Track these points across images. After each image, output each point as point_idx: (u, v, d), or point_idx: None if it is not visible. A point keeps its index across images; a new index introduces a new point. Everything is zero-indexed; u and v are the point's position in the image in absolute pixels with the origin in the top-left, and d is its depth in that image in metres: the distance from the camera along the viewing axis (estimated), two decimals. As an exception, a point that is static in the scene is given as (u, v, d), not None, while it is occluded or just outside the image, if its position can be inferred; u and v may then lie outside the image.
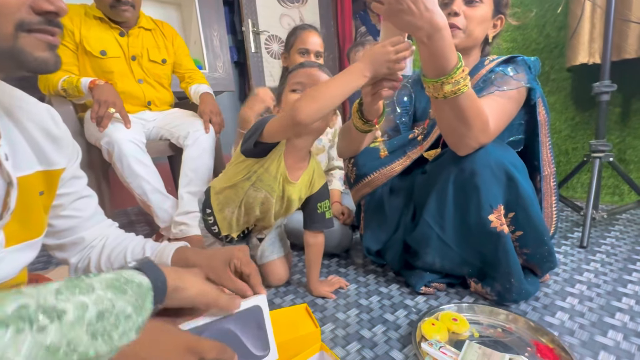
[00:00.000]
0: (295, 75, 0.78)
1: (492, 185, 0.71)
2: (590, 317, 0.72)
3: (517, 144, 0.83)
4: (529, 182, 0.75)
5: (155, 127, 1.35)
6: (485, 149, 0.71)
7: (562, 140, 1.62)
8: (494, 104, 0.71)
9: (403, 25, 0.59)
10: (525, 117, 0.81)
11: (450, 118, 0.67)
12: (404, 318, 0.76)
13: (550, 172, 0.82)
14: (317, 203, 0.87)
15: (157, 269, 0.37)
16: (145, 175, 1.13)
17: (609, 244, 1.08)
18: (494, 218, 0.71)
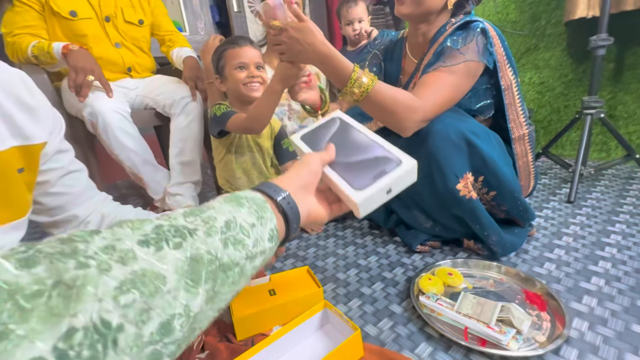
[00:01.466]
0: (235, 55, 0.93)
1: (455, 155, 0.73)
2: (575, 266, 0.76)
3: (487, 108, 0.83)
4: (493, 145, 0.77)
5: (138, 95, 1.28)
6: (441, 122, 0.72)
7: (554, 98, 1.62)
8: (434, 80, 0.71)
9: (300, 60, 0.69)
10: (491, 81, 0.80)
11: (375, 112, 0.70)
12: (402, 275, 0.79)
13: (522, 134, 0.83)
14: (280, 141, 1.08)
15: (268, 183, 0.37)
16: (133, 146, 1.10)
17: (594, 199, 1.12)
18: (461, 187, 0.74)
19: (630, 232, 0.88)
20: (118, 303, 0.19)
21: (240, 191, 0.34)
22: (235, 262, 0.27)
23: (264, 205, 0.33)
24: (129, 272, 0.21)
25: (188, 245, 0.25)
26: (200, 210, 0.29)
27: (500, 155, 0.78)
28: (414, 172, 0.43)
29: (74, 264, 0.19)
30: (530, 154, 0.86)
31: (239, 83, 0.94)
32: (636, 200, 1.07)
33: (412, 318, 0.65)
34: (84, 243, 0.21)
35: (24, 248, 0.19)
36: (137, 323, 0.20)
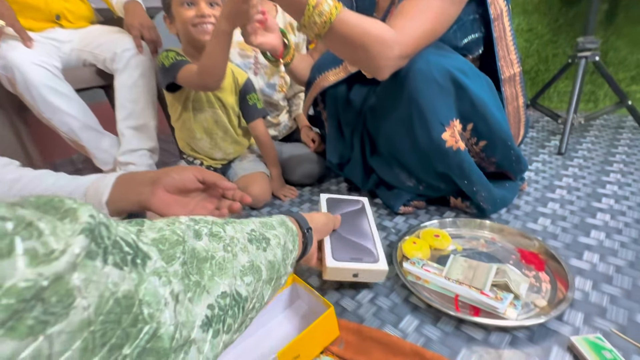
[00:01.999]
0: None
1: (440, 99, 0.61)
2: (572, 219, 0.69)
3: (475, 44, 0.71)
4: (483, 85, 0.66)
5: (73, 49, 1.08)
6: (423, 59, 0.60)
7: (543, 46, 1.51)
8: (410, 7, 0.57)
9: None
10: (480, 10, 0.67)
11: (344, 49, 0.57)
12: (383, 240, 0.71)
13: (513, 73, 0.72)
14: (246, 96, 0.94)
15: (301, 216, 0.47)
16: (67, 108, 0.93)
17: (585, 149, 1.06)
18: (447, 136, 0.63)
19: (626, 181, 0.82)
20: (243, 281, 0.28)
21: (282, 216, 0.43)
22: (281, 276, 0.35)
23: (296, 238, 0.42)
24: (246, 261, 0.30)
25: (270, 251, 0.34)
26: (268, 225, 0.37)
27: (492, 98, 0.67)
28: (383, 275, 0.53)
29: (222, 247, 0.28)
30: (522, 98, 0.75)
31: (187, 24, 0.80)
32: (628, 149, 1.01)
33: (395, 288, 0.57)
34: (223, 230, 0.30)
35: (192, 222, 0.28)
36: (252, 298, 0.29)
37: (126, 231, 0.21)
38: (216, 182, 0.53)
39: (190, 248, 0.25)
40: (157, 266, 0.21)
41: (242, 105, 0.96)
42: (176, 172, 0.51)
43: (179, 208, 0.51)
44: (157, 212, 0.50)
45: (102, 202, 0.48)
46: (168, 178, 0.51)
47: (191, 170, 0.52)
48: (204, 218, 0.30)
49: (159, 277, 0.21)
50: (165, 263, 0.22)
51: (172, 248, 0.24)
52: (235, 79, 0.93)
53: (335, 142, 0.87)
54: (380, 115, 0.73)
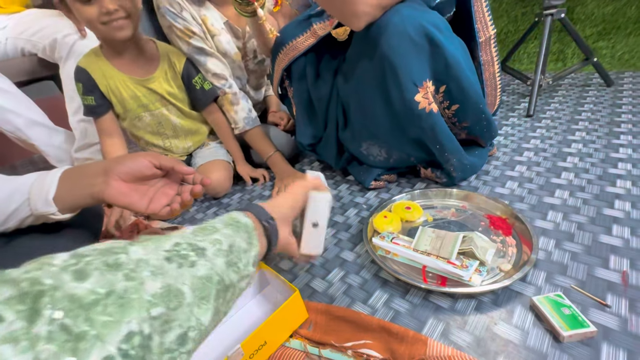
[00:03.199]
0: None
1: (413, 57, 0.58)
2: (538, 181, 0.70)
3: (448, 4, 0.67)
4: (457, 45, 0.63)
5: (8, 38, 0.98)
6: (398, 13, 0.56)
7: (512, 5, 1.49)
8: None
9: None
10: None
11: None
12: (355, 217, 0.70)
13: (489, 36, 0.69)
14: (191, 81, 0.85)
15: (259, 208, 0.41)
16: (8, 105, 0.85)
17: (553, 110, 1.06)
18: (420, 98, 0.60)
19: (590, 138, 0.83)
20: (149, 314, 0.22)
21: (235, 213, 0.37)
22: (232, 284, 0.30)
23: (253, 233, 0.36)
24: (159, 287, 0.23)
25: (201, 265, 0.27)
26: (208, 230, 0.32)
27: (466, 59, 0.64)
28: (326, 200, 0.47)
29: (122, 275, 0.22)
30: (496, 63, 0.73)
31: (94, 24, 0.67)
32: (593, 107, 1.02)
33: (366, 264, 0.56)
34: (125, 255, 0.24)
35: (74, 260, 0.22)
36: (161, 333, 0.22)
37: None
38: (174, 167, 0.51)
39: (64, 295, 0.20)
40: (14, 328, 0.17)
41: (189, 92, 0.87)
42: (130, 158, 0.49)
43: (138, 197, 0.49)
44: (113, 202, 0.47)
45: (48, 199, 0.45)
46: (121, 166, 0.48)
47: (146, 156, 0.49)
48: (100, 248, 0.24)
49: (15, 343, 0.17)
50: (28, 322, 0.18)
51: (36, 301, 0.19)
52: (172, 64, 0.83)
53: (306, 122, 0.83)
54: (352, 81, 0.69)
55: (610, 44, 1.32)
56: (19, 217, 0.46)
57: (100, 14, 0.65)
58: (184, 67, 0.84)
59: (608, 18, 1.29)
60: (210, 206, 0.83)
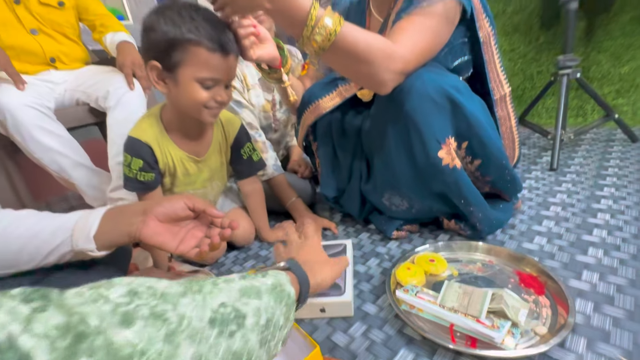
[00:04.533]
0: (206, 62, 0.58)
1: (436, 116, 0.61)
2: (568, 237, 0.67)
3: (465, 66, 0.73)
4: (476, 104, 0.66)
5: (67, 90, 1.11)
6: (419, 77, 0.61)
7: (527, 64, 1.55)
8: (409, 25, 0.59)
9: (246, 6, 0.53)
10: (468, 33, 0.69)
11: (345, 63, 0.56)
12: (377, 267, 0.69)
13: (504, 94, 0.73)
14: (240, 150, 0.81)
15: (302, 271, 0.42)
16: (58, 147, 0.94)
17: (577, 164, 1.05)
18: (444, 154, 0.63)
19: (620, 194, 0.81)
20: None
21: (283, 276, 0.37)
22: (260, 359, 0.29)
23: (292, 307, 0.35)
24: (190, 355, 0.23)
25: (238, 338, 0.27)
26: (253, 292, 0.31)
27: (486, 117, 0.67)
28: (349, 307, 0.56)
29: (162, 335, 0.22)
30: (513, 118, 0.76)
31: (198, 104, 0.62)
32: (620, 162, 1.01)
33: (389, 318, 0.54)
34: (172, 309, 0.24)
35: (127, 299, 0.23)
36: None
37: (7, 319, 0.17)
38: (205, 210, 0.54)
39: (103, 344, 0.20)
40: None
41: (235, 160, 0.82)
42: (167, 200, 0.52)
43: (170, 237, 0.51)
44: (147, 241, 0.49)
45: (89, 236, 0.48)
46: (159, 207, 0.51)
47: (182, 198, 0.52)
48: (154, 287, 0.25)
49: None
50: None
51: (76, 344, 0.19)
52: (226, 134, 0.79)
53: (330, 175, 0.86)
54: (377, 136, 0.72)
55: (630, 100, 1.33)
56: (60, 252, 0.49)
57: (211, 99, 0.62)
58: (236, 136, 0.80)
59: (625, 77, 1.32)
60: (247, 258, 0.83)
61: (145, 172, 0.70)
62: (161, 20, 0.57)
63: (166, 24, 0.57)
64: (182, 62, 0.58)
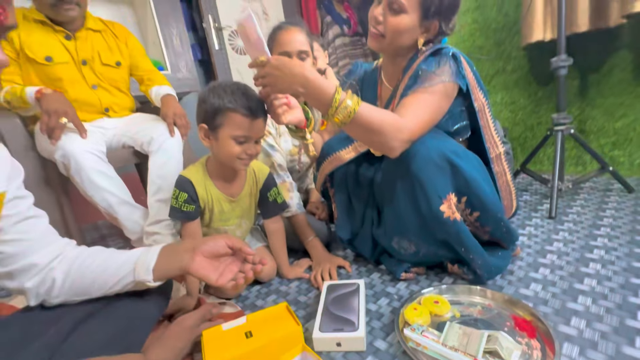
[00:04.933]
0: (240, 125, 0.75)
1: (438, 176, 0.72)
2: (561, 285, 0.75)
3: (463, 130, 0.85)
4: (474, 165, 0.77)
5: (116, 134, 1.27)
6: (423, 143, 0.73)
7: (527, 115, 1.68)
8: (414, 101, 0.73)
9: (283, 88, 0.67)
10: (465, 103, 0.82)
11: (361, 134, 0.70)
12: (387, 306, 0.76)
13: (498, 153, 0.84)
14: (266, 194, 0.94)
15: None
16: (108, 187, 1.07)
17: (575, 213, 1.13)
18: (445, 208, 0.73)
19: (612, 245, 0.88)
20: None
21: None
22: None
23: None
24: None
25: None
26: None
27: (482, 175, 0.78)
28: (361, 342, 0.63)
29: None
30: (509, 173, 0.86)
31: (232, 156, 0.79)
32: (615, 212, 1.08)
33: (398, 354, 0.61)
34: None
35: None
36: None
37: None
38: (241, 248, 0.65)
39: None
40: None
41: (262, 201, 0.95)
42: (212, 239, 0.64)
43: (212, 270, 0.62)
44: (194, 274, 0.61)
45: (149, 269, 0.59)
46: (206, 245, 0.63)
47: (223, 238, 0.65)
48: None
49: None
50: None
51: None
52: (257, 180, 0.93)
53: (345, 219, 0.96)
54: (387, 189, 0.83)
55: (626, 152, 1.42)
56: (124, 283, 0.59)
57: (244, 153, 0.78)
58: (265, 182, 0.93)
59: (619, 132, 1.42)
60: (269, 293, 0.91)
61: (188, 204, 0.85)
62: (210, 94, 0.77)
63: (213, 97, 0.76)
64: (222, 124, 0.77)
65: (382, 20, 0.77)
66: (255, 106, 0.75)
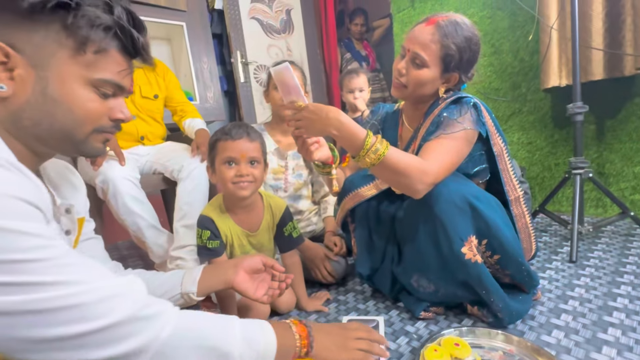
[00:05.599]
0: (225, 148, 0.84)
1: (459, 218, 0.75)
2: (584, 333, 0.74)
3: (483, 172, 0.88)
4: (494, 208, 0.79)
5: (148, 161, 1.36)
6: (446, 186, 0.76)
7: (544, 156, 1.70)
8: (437, 146, 0.77)
9: (318, 131, 0.73)
10: (484, 147, 0.86)
11: (388, 176, 0.74)
12: (406, 345, 0.77)
13: (517, 196, 0.86)
14: (282, 228, 0.96)
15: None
16: (140, 211, 1.14)
17: (597, 257, 1.12)
18: (466, 250, 0.75)
19: (636, 294, 0.87)
20: None
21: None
22: None
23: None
24: None
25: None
26: None
27: (502, 218, 0.80)
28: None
29: None
30: (528, 216, 0.88)
31: (227, 181, 0.84)
32: (638, 259, 1.06)
33: (419, 397, 0.62)
34: None
35: None
36: None
37: None
38: (273, 266, 0.75)
39: None
40: None
41: (278, 235, 0.97)
42: (251, 257, 0.74)
43: (250, 284, 0.71)
44: (236, 287, 0.68)
45: (195, 280, 0.68)
46: (247, 261, 0.71)
47: (260, 256, 0.75)
48: None
49: None
50: None
51: None
52: (273, 214, 0.96)
53: (365, 256, 0.98)
54: (409, 228, 0.86)
55: (647, 197, 1.41)
56: (170, 295, 0.66)
57: (235, 175, 0.83)
58: (282, 217, 0.95)
59: (639, 176, 1.42)
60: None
61: (212, 240, 0.88)
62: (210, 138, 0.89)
63: (211, 138, 0.88)
64: (215, 155, 0.86)
65: (405, 73, 0.84)
66: (236, 129, 0.85)
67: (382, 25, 2.90)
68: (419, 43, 0.81)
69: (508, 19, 1.71)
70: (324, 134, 0.74)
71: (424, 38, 0.80)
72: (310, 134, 0.76)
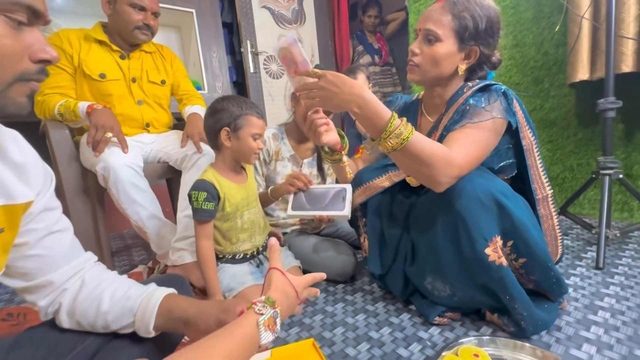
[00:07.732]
0: (256, 125, 0.94)
1: (484, 217, 0.68)
2: (619, 349, 0.67)
3: (509, 168, 0.81)
4: (522, 207, 0.72)
5: (153, 149, 1.31)
6: (470, 181, 0.69)
7: (566, 156, 1.60)
8: (463, 136, 0.71)
9: (334, 105, 0.66)
10: (512, 140, 0.79)
11: (410, 164, 0.67)
12: (419, 353, 0.71)
13: (545, 195, 0.80)
14: None
15: None
16: (141, 200, 1.09)
17: (625, 265, 1.04)
18: (490, 251, 0.68)
19: (674, 307, 0.79)
20: None
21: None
22: None
23: None
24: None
25: None
26: None
27: (530, 218, 0.73)
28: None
29: None
30: (555, 217, 0.81)
31: (251, 151, 0.94)
32: (673, 269, 0.98)
33: (435, 413, 0.56)
34: None
35: None
36: None
37: None
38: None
39: None
40: None
41: None
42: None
43: None
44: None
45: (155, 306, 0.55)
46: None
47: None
48: None
49: None
50: None
51: None
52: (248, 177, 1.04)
53: (377, 253, 0.92)
54: (425, 224, 0.79)
55: (679, 202, 1.32)
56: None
57: (258, 147, 0.94)
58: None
59: (671, 179, 1.32)
60: (292, 324, 0.87)
61: (207, 201, 0.90)
62: (229, 105, 0.92)
63: (233, 106, 0.92)
64: (244, 125, 0.92)
65: (419, 52, 0.78)
66: (258, 110, 0.95)
67: (397, 19, 2.80)
68: (430, 19, 0.76)
69: (533, 9, 1.61)
70: (340, 110, 0.67)
71: (435, 13, 0.75)
72: (325, 107, 0.68)
